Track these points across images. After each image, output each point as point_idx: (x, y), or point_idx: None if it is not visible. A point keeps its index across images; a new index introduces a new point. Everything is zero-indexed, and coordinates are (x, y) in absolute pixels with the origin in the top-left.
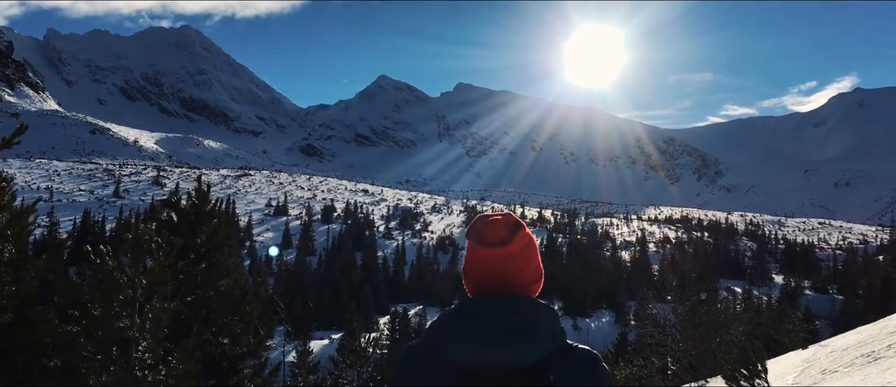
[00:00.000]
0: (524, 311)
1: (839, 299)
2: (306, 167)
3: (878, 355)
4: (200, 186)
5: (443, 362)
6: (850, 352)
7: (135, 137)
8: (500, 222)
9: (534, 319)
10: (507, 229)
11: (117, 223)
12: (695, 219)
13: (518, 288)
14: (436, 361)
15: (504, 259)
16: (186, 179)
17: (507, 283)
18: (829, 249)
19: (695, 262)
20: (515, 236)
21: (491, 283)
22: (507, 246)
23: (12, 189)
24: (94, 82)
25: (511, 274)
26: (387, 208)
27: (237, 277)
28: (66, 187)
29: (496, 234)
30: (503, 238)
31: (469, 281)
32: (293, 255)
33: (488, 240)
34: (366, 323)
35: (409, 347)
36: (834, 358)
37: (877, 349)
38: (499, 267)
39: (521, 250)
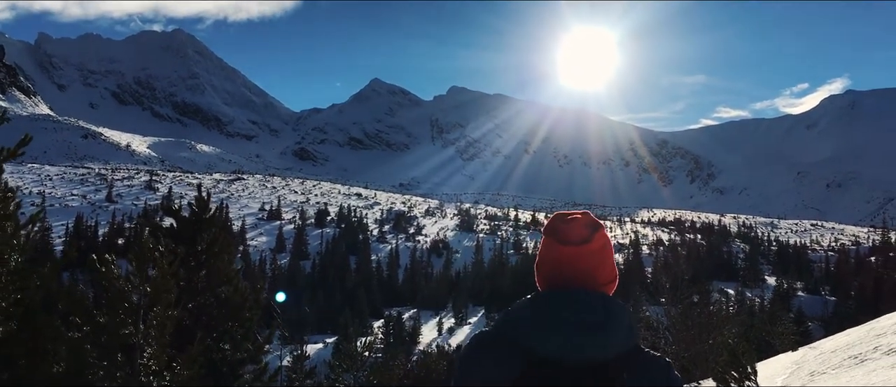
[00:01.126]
0: (605, 306)
1: (831, 300)
2: (299, 171)
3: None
4: (200, 195)
5: (511, 352)
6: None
7: (127, 142)
8: (580, 221)
9: (614, 314)
10: (588, 228)
11: (110, 228)
12: (688, 221)
13: (595, 286)
14: (505, 350)
15: (583, 257)
16: (179, 184)
17: (584, 281)
18: (821, 250)
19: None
20: (595, 235)
21: (568, 280)
22: (587, 245)
23: (17, 199)
24: (86, 87)
25: (588, 272)
26: (380, 212)
27: (237, 283)
28: (59, 192)
29: (577, 232)
30: (584, 237)
31: (543, 277)
32: (287, 259)
33: (569, 238)
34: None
35: (480, 334)
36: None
37: (863, 351)
38: (577, 265)
39: (600, 249)
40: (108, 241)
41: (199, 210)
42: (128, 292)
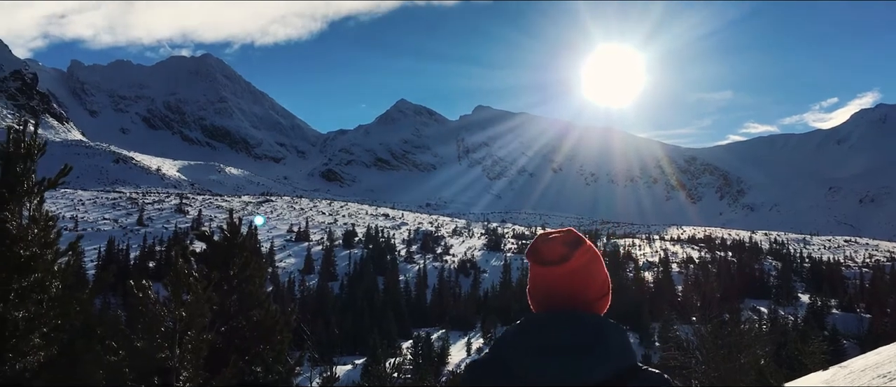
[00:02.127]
0: (589, 327)
1: (867, 317)
2: (327, 192)
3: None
4: (232, 219)
5: (507, 378)
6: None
7: (157, 166)
8: (558, 240)
9: (599, 335)
10: (566, 246)
11: (141, 251)
12: (718, 238)
13: (584, 305)
14: (500, 376)
15: (564, 277)
16: (208, 207)
17: (572, 300)
18: (855, 267)
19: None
20: (575, 253)
21: (555, 301)
22: (566, 264)
23: (58, 227)
24: (117, 112)
25: (575, 291)
26: (408, 232)
27: (268, 306)
28: (91, 216)
29: (555, 252)
30: (563, 255)
31: (533, 300)
32: (315, 280)
33: (546, 258)
34: (389, 348)
35: (473, 362)
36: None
37: (893, 370)
38: (560, 285)
39: (583, 267)
40: (139, 264)
41: (230, 234)
42: (164, 317)
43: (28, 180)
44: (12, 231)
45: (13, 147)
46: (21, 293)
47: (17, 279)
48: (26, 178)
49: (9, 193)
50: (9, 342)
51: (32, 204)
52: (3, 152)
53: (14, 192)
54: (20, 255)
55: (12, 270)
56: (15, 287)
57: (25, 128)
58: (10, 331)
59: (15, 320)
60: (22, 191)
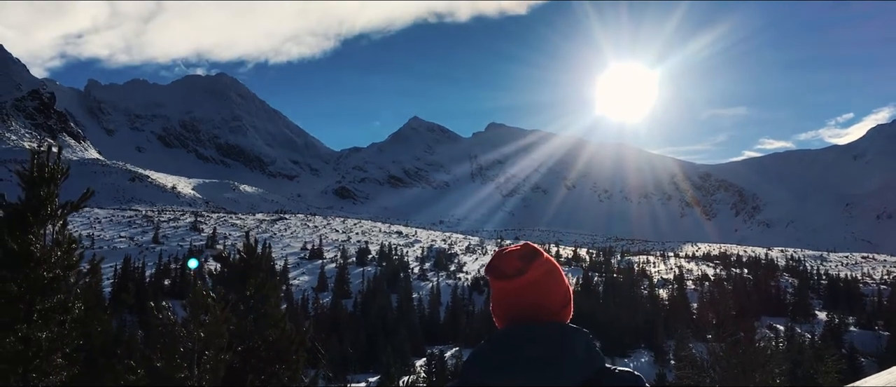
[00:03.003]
0: (552, 337)
1: (885, 335)
2: (340, 210)
3: None
4: (248, 241)
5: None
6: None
7: (173, 184)
8: (514, 253)
9: (563, 343)
10: (522, 260)
11: (156, 269)
12: (734, 255)
13: (548, 316)
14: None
15: (523, 290)
16: (223, 224)
17: (535, 312)
18: (873, 283)
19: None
20: (531, 266)
21: (517, 314)
22: (523, 276)
23: (81, 249)
24: (133, 130)
25: (534, 304)
26: (421, 250)
27: (284, 327)
28: (107, 234)
29: (511, 265)
30: (518, 268)
31: (497, 317)
32: (329, 298)
33: (503, 272)
34: (402, 366)
35: (451, 384)
36: None
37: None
38: (520, 298)
39: (541, 278)
40: (155, 282)
41: (247, 256)
42: (183, 338)
43: (51, 204)
44: (36, 254)
45: (37, 171)
46: (44, 314)
47: (40, 301)
48: (50, 201)
49: (32, 217)
50: (32, 362)
51: (55, 227)
52: (28, 177)
53: (38, 215)
54: (43, 277)
55: (36, 292)
56: (39, 308)
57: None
58: (33, 351)
59: (38, 341)
60: (45, 214)
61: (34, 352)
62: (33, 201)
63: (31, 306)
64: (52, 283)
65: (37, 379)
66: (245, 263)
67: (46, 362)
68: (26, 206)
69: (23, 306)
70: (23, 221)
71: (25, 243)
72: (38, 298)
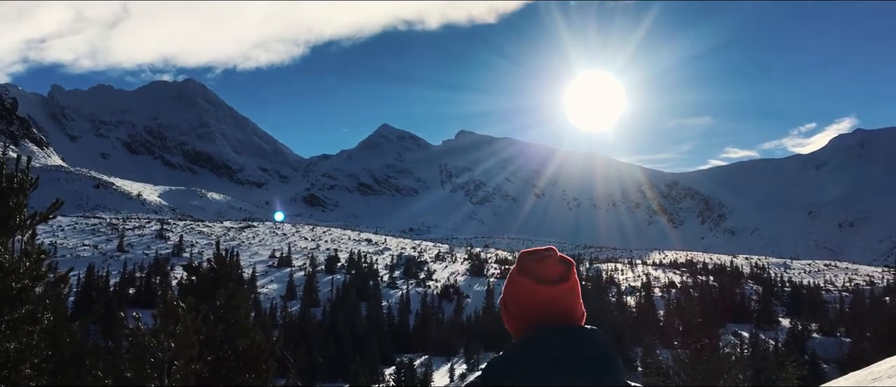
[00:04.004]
0: (601, 341)
1: (847, 341)
2: (309, 217)
3: None
4: (218, 251)
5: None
6: None
7: (138, 191)
8: (553, 258)
9: (611, 349)
10: (563, 265)
11: (121, 278)
12: (700, 263)
13: (574, 320)
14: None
15: (564, 295)
16: (190, 232)
17: (566, 317)
18: (835, 291)
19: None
20: (572, 271)
21: (549, 318)
22: (567, 282)
23: (50, 261)
24: (97, 137)
25: (567, 309)
26: (391, 257)
27: (254, 336)
28: (70, 243)
29: (554, 271)
30: (562, 274)
31: (521, 319)
32: (297, 306)
33: (549, 277)
34: (371, 374)
35: (495, 371)
36: None
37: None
38: (558, 303)
39: (575, 285)
40: (119, 291)
41: (217, 266)
42: (153, 348)
43: (20, 214)
44: (5, 264)
45: (6, 182)
46: (12, 325)
47: (9, 311)
48: (19, 212)
49: (1, 227)
50: (0, 373)
51: (24, 237)
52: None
53: (6, 225)
54: (12, 287)
55: (4, 303)
56: (7, 319)
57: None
58: (1, 362)
59: (7, 351)
60: (14, 224)
61: (2, 363)
62: (2, 212)
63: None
64: (21, 293)
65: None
66: (215, 273)
67: (15, 372)
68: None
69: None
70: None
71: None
72: (6, 308)
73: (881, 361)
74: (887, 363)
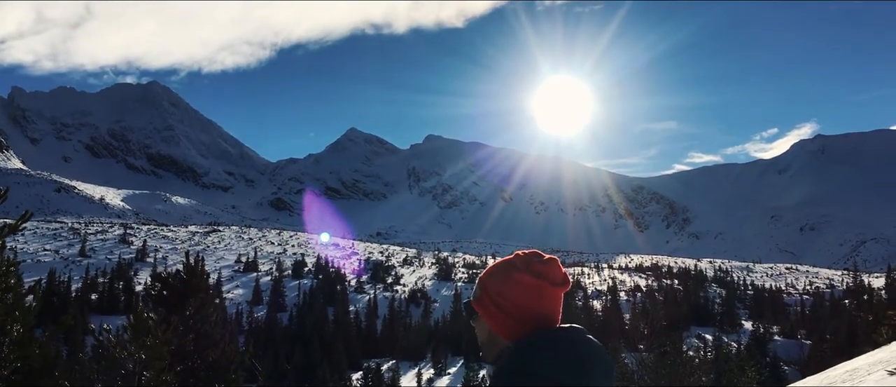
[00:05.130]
0: (597, 340)
1: (807, 343)
2: (276, 222)
3: None
4: (188, 261)
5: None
6: None
7: (101, 195)
8: (556, 261)
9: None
10: (562, 268)
11: (83, 283)
12: (665, 266)
13: (559, 323)
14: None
15: (561, 297)
16: (154, 237)
17: (558, 319)
18: (796, 294)
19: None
20: (567, 275)
21: (551, 320)
22: (568, 284)
23: (18, 272)
24: (59, 140)
25: (560, 311)
26: (358, 262)
27: (224, 346)
28: (31, 248)
29: (560, 273)
30: (565, 277)
31: (522, 321)
32: (264, 311)
33: (558, 280)
34: (339, 380)
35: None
36: None
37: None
38: (558, 305)
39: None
40: (81, 296)
41: (187, 276)
42: (123, 359)
43: None
44: None
45: None
46: None
47: None
48: None
49: None
50: None
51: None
52: None
53: None
54: None
55: None
56: None
57: None
58: None
59: None
60: None
61: None
62: None
63: None
64: None
65: None
66: (185, 283)
67: None
68: None
69: None
70: None
71: None
72: None
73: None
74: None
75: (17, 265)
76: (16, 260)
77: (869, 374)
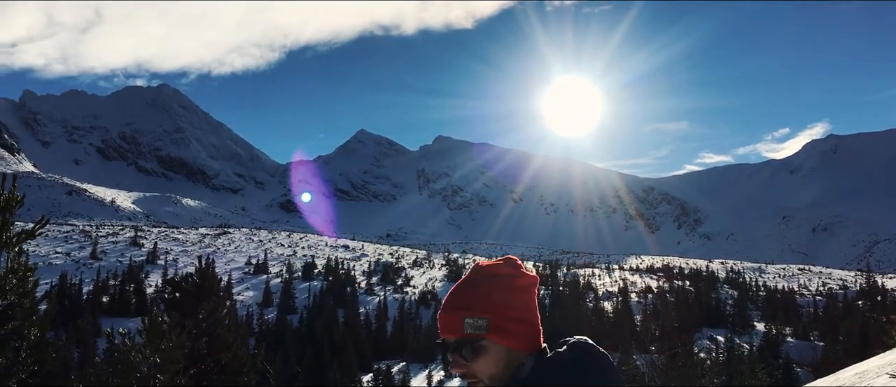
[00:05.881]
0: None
1: (820, 345)
2: (286, 223)
3: None
4: (201, 265)
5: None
6: None
7: (112, 197)
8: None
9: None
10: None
11: (94, 286)
12: (676, 267)
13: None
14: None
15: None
16: (164, 239)
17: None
18: (809, 295)
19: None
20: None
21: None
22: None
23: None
24: (70, 143)
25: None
26: (368, 264)
27: (237, 350)
28: (42, 250)
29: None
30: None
31: (539, 323)
32: (274, 313)
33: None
34: (349, 382)
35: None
36: None
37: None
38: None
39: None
40: (92, 299)
41: (200, 280)
42: (138, 362)
43: (7, 232)
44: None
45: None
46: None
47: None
48: (5, 230)
49: None
50: None
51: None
52: None
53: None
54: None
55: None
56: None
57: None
58: None
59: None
60: (1, 242)
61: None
62: None
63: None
64: (8, 310)
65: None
66: (198, 288)
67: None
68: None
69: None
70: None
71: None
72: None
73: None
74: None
75: (33, 270)
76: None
77: (878, 376)
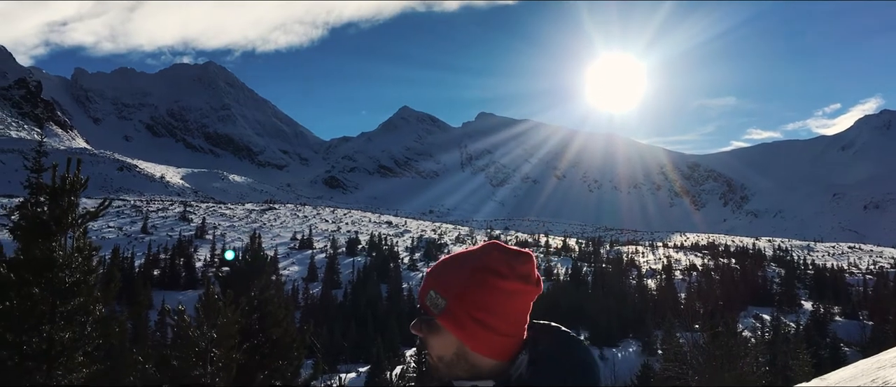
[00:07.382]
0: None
1: (869, 324)
2: (330, 200)
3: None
4: (253, 244)
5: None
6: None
7: (161, 173)
8: (532, 257)
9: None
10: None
11: (146, 259)
12: (722, 245)
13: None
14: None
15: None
16: (212, 215)
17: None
18: (859, 273)
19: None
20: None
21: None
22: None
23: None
24: (120, 119)
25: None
26: (411, 240)
27: (287, 326)
28: (96, 225)
29: (536, 272)
30: (539, 278)
31: (520, 334)
32: (319, 288)
33: (539, 280)
34: (393, 356)
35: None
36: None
37: (862, 385)
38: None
39: None
40: (144, 272)
41: (251, 259)
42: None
43: (72, 213)
44: (59, 260)
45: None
46: (66, 316)
47: (62, 303)
48: (71, 211)
49: (55, 226)
50: (56, 361)
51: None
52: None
53: (60, 224)
54: (65, 281)
55: (58, 295)
56: (61, 310)
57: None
58: (57, 350)
59: (61, 340)
60: (67, 223)
61: (58, 351)
62: (56, 212)
63: (53, 308)
64: (73, 287)
65: (62, 376)
66: (249, 267)
67: (69, 360)
68: (50, 216)
69: (46, 308)
70: (46, 230)
71: (48, 250)
72: (59, 301)
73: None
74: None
75: (97, 249)
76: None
77: None
